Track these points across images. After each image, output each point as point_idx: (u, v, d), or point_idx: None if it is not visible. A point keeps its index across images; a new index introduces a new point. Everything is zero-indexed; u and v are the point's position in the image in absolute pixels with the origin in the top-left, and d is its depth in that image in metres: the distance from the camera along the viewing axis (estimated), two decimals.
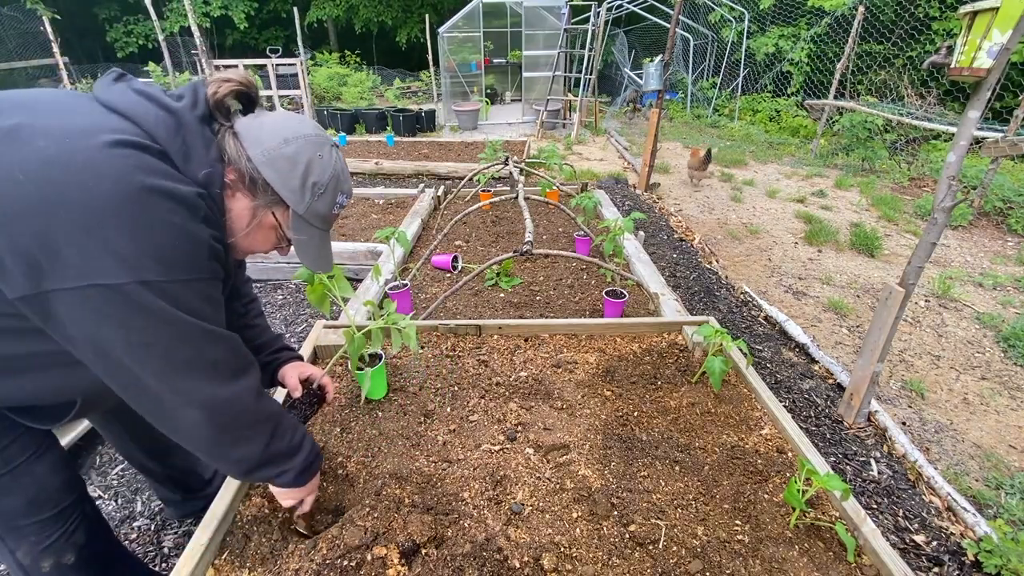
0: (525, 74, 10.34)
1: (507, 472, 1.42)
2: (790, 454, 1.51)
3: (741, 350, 1.80)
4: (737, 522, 1.29)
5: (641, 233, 3.62)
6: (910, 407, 2.41)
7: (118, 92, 0.82)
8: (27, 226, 0.68)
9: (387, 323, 1.55)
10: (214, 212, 0.85)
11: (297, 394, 1.35)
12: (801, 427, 1.81)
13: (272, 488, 1.12)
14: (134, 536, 1.70)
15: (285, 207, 0.92)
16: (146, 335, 0.76)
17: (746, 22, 10.36)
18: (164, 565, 1.61)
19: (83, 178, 0.70)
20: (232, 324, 1.22)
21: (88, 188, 0.70)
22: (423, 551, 1.19)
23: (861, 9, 7.11)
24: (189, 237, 0.78)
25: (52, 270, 0.69)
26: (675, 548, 1.22)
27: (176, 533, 1.71)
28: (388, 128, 8.60)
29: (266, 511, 1.29)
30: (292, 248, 1.01)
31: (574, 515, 1.30)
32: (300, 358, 1.41)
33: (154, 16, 8.87)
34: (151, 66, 14.05)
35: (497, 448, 1.50)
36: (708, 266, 3.75)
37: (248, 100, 0.94)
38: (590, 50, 8.92)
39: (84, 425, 1.95)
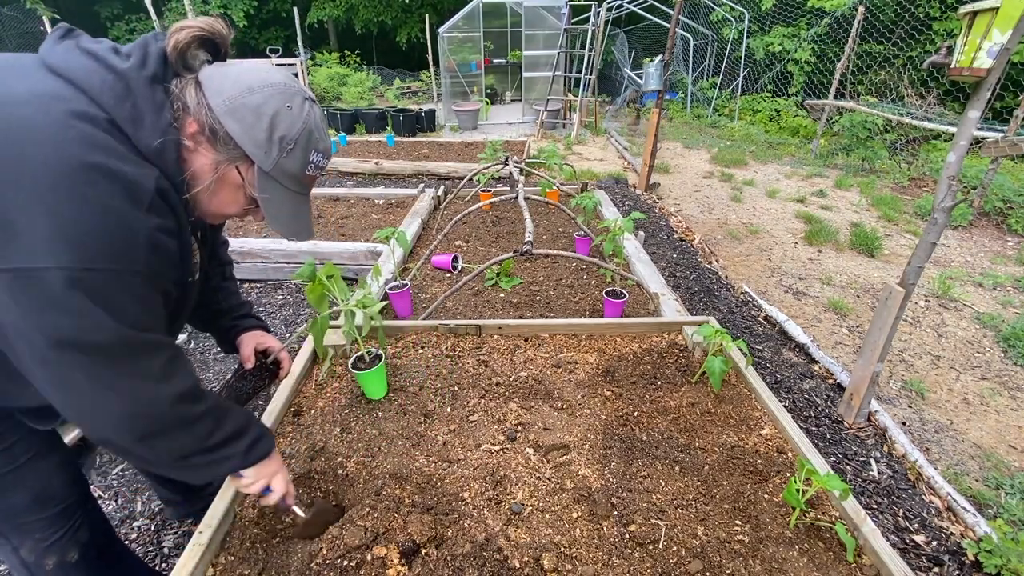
0: (525, 74, 10.35)
1: (507, 472, 1.42)
2: (790, 454, 1.51)
3: (741, 350, 1.80)
4: (737, 522, 1.29)
5: (641, 233, 3.62)
6: (910, 407, 2.41)
7: (62, 52, 0.75)
8: None
9: (359, 306, 1.55)
10: (167, 193, 0.77)
11: (249, 365, 1.31)
12: (801, 427, 1.81)
13: (232, 480, 1.06)
14: (134, 536, 1.70)
15: (250, 163, 0.84)
16: (59, 326, 0.70)
17: (746, 22, 10.36)
18: (164, 565, 1.61)
19: (17, 150, 0.65)
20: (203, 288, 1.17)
21: (21, 161, 0.65)
22: (423, 551, 1.19)
23: (861, 9, 7.11)
24: (124, 224, 0.71)
25: None
26: (675, 548, 1.22)
27: (176, 533, 1.71)
28: (388, 128, 8.61)
29: (266, 511, 1.29)
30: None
31: (574, 515, 1.30)
32: (265, 328, 1.37)
33: (154, 16, 8.86)
34: None
35: (497, 448, 1.50)
36: (708, 266, 3.75)
37: (214, 48, 0.85)
38: (590, 50, 8.92)
39: None
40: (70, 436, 1.89)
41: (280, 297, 3.24)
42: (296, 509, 1.16)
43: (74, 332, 0.71)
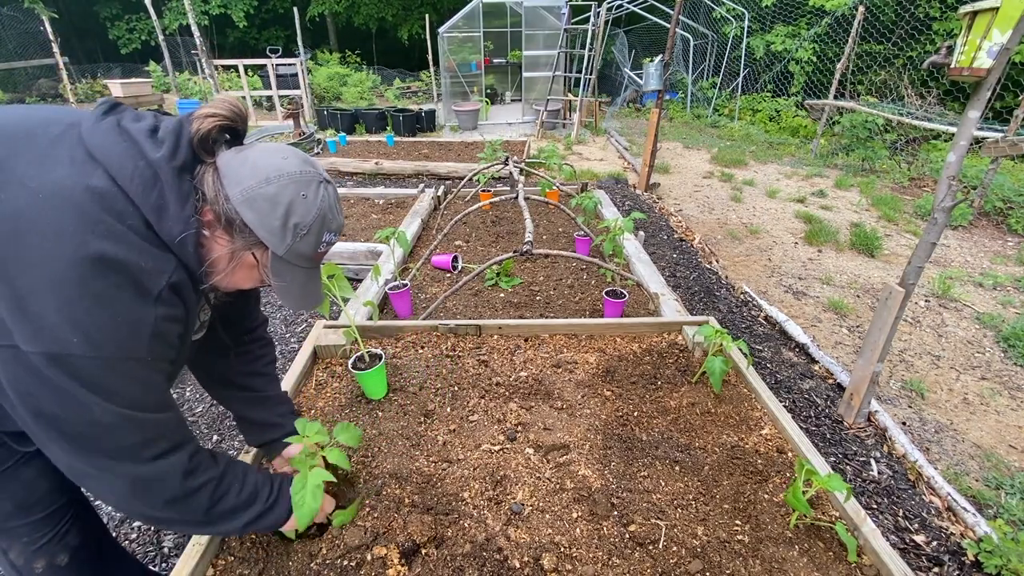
0: (525, 74, 10.34)
1: (507, 472, 1.42)
2: (790, 454, 1.51)
3: (741, 350, 1.80)
4: (737, 522, 1.29)
5: (641, 233, 3.62)
6: (910, 407, 2.41)
7: (102, 133, 0.77)
8: None
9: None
10: (180, 286, 0.81)
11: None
12: (801, 427, 1.81)
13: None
14: (134, 536, 1.70)
15: (265, 247, 0.86)
16: (54, 407, 0.74)
17: (746, 21, 10.36)
18: (164, 565, 1.61)
19: (39, 237, 0.69)
20: (237, 368, 1.23)
21: (42, 246, 0.69)
22: (423, 551, 1.19)
23: (861, 9, 7.11)
24: (128, 315, 0.75)
25: None
26: (675, 548, 1.22)
27: (176, 533, 1.71)
28: (388, 128, 8.61)
29: None
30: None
31: (574, 515, 1.30)
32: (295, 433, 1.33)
33: (154, 16, 8.88)
34: (152, 66, 14.07)
35: (497, 448, 1.50)
36: (708, 266, 3.74)
37: (235, 133, 0.89)
38: (590, 50, 8.92)
39: None
40: None
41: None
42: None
43: (70, 415, 0.75)
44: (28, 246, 0.69)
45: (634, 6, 10.78)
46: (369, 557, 1.17)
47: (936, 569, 1.60)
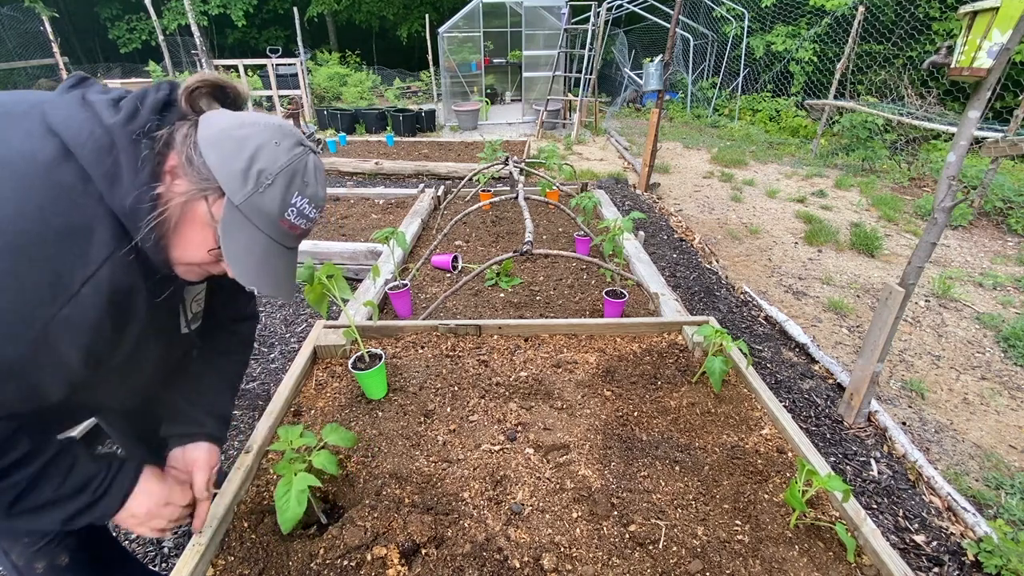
0: (525, 74, 10.35)
1: (507, 472, 1.42)
2: (790, 454, 1.51)
3: (741, 350, 1.80)
4: (737, 522, 1.29)
5: (641, 233, 3.62)
6: (910, 407, 2.41)
7: (64, 105, 0.73)
8: None
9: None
10: (121, 270, 0.73)
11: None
12: (801, 427, 1.81)
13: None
14: (134, 536, 1.70)
15: (220, 195, 0.76)
16: None
17: (746, 21, 10.36)
18: (164, 565, 1.61)
19: None
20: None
21: None
22: (423, 551, 1.19)
23: (861, 9, 7.11)
24: (21, 310, 0.67)
25: None
26: (675, 548, 1.22)
27: (176, 533, 1.71)
28: (388, 128, 8.61)
29: (265, 510, 1.29)
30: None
31: (574, 515, 1.30)
32: (217, 441, 1.17)
33: (154, 16, 8.87)
34: (152, 65, 14.07)
35: (497, 448, 1.50)
36: (708, 266, 3.75)
37: (226, 96, 0.83)
38: (590, 50, 8.92)
39: (89, 421, 1.95)
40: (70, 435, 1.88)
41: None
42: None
43: None
44: None
45: (634, 6, 10.79)
46: (369, 557, 1.17)
47: (936, 569, 1.60)
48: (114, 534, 1.67)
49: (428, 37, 12.46)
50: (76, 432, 1.77)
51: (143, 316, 0.82)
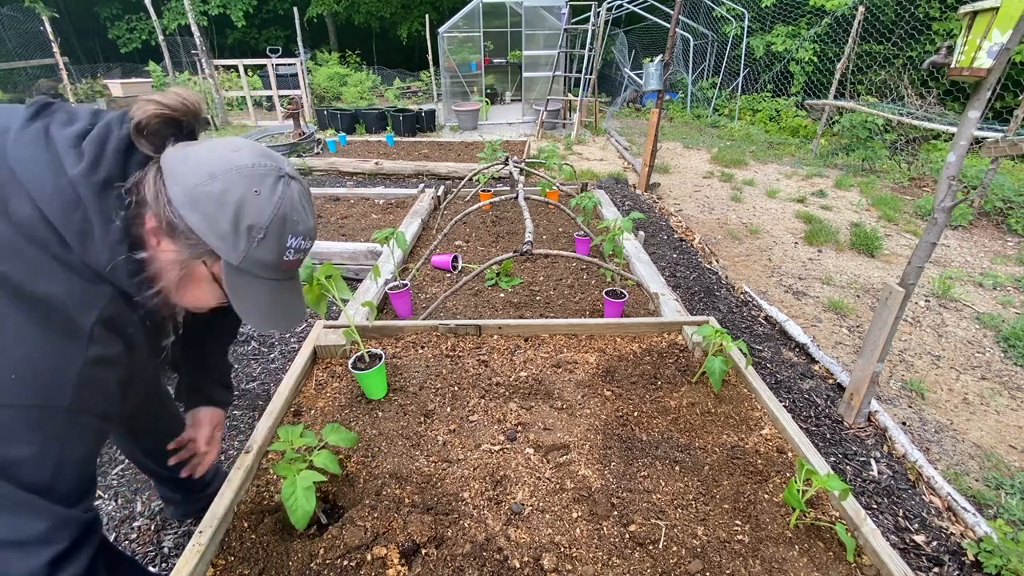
0: (525, 74, 10.35)
1: (507, 472, 1.42)
2: (790, 454, 1.51)
3: (741, 350, 1.80)
4: (737, 522, 1.29)
5: (641, 233, 3.62)
6: (910, 407, 2.41)
7: (25, 145, 0.68)
8: None
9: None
10: (113, 321, 0.72)
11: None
12: (801, 427, 1.81)
13: None
14: (134, 536, 1.70)
15: (217, 257, 0.74)
16: None
17: (746, 21, 10.36)
18: (164, 565, 1.61)
19: None
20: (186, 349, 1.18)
21: None
22: (423, 551, 1.19)
23: (861, 9, 7.11)
24: (50, 356, 0.66)
25: None
26: (675, 548, 1.22)
27: (176, 533, 1.71)
28: (388, 128, 8.61)
29: (266, 510, 1.29)
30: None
31: (574, 515, 1.30)
32: (218, 404, 1.31)
33: (154, 16, 8.88)
34: (151, 65, 14.06)
35: (497, 448, 1.50)
36: (708, 266, 3.74)
37: (180, 128, 0.77)
38: (590, 50, 8.92)
39: None
40: None
41: None
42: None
43: None
44: None
45: (634, 6, 10.79)
46: (369, 557, 1.17)
47: (936, 569, 1.60)
48: (113, 535, 1.67)
49: (428, 37, 12.46)
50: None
51: (143, 341, 0.82)
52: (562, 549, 1.21)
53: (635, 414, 1.66)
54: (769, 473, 1.44)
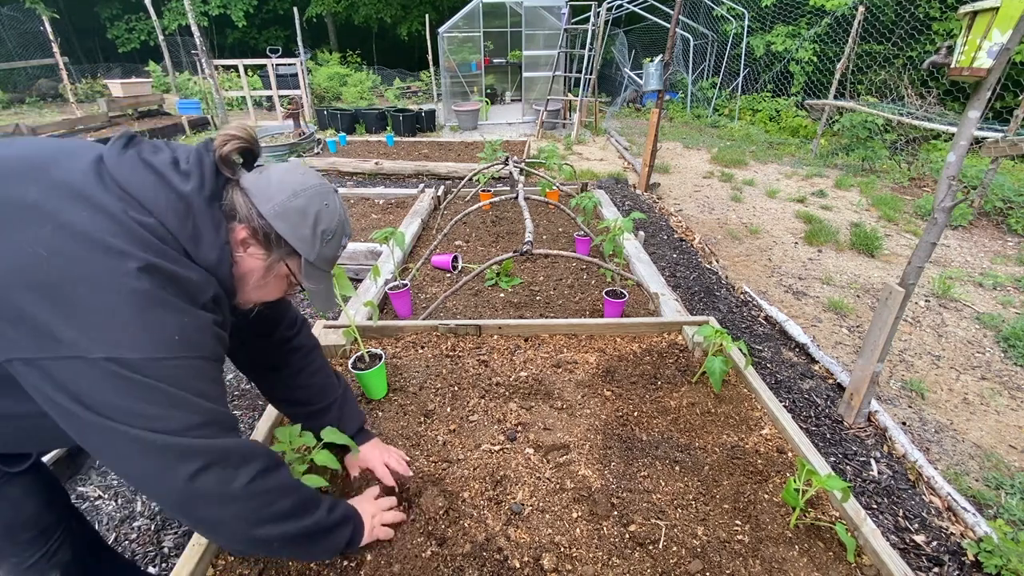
0: (525, 74, 10.34)
1: (507, 472, 1.42)
2: (790, 454, 1.51)
3: (741, 350, 1.80)
4: (737, 522, 1.29)
5: (641, 233, 3.62)
6: (910, 407, 2.41)
7: (128, 168, 0.81)
8: (37, 297, 0.70)
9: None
10: (219, 299, 0.88)
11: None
12: (801, 427, 1.81)
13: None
14: (134, 536, 1.70)
15: (297, 256, 0.95)
16: (145, 406, 0.75)
17: (746, 21, 10.36)
18: (164, 565, 1.61)
19: (101, 257, 0.73)
20: (284, 383, 1.26)
21: (101, 267, 0.73)
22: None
23: (861, 9, 7.11)
24: (193, 318, 0.80)
25: (57, 340, 0.70)
26: (675, 548, 1.22)
27: (176, 533, 1.71)
28: (388, 128, 8.61)
29: None
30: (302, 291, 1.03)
31: (574, 515, 1.30)
32: (368, 435, 1.39)
33: (154, 16, 8.88)
34: (151, 65, 14.06)
35: (497, 448, 1.50)
36: (708, 266, 3.74)
37: (251, 154, 0.96)
38: (590, 50, 8.92)
39: None
40: (50, 455, 1.80)
41: None
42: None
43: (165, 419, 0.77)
44: (90, 263, 0.72)
45: (634, 6, 10.78)
46: (369, 557, 1.17)
47: (936, 569, 1.60)
48: (112, 535, 1.67)
49: (428, 37, 12.46)
50: None
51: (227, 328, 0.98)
52: (562, 549, 1.21)
53: (635, 414, 1.66)
54: (769, 473, 1.44)
